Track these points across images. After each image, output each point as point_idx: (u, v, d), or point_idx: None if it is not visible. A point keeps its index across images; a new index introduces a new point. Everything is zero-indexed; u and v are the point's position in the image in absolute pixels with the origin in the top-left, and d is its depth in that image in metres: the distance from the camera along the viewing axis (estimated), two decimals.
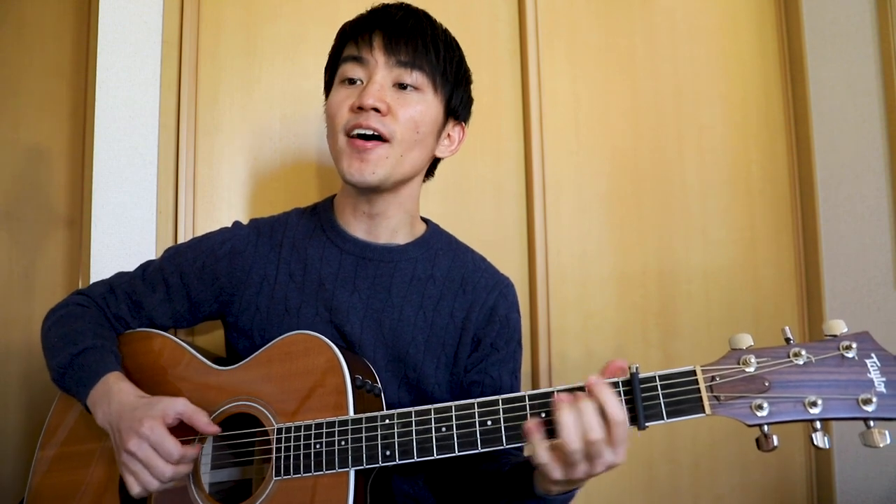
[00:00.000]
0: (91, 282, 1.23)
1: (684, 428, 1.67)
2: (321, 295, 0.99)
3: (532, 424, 0.74)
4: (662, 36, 1.77)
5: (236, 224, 1.07)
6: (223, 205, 1.36)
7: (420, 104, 0.94)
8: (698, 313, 1.73)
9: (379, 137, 0.92)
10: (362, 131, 0.91)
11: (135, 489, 0.83)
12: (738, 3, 1.90)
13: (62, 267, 1.33)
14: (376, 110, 0.91)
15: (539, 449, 0.73)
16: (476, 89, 1.09)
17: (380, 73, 0.92)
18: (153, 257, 1.29)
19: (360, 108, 0.91)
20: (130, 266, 1.09)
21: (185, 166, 1.33)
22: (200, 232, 1.32)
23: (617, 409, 0.70)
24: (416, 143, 0.95)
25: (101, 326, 0.99)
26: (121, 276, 1.06)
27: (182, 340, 1.01)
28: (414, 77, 0.93)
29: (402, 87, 0.93)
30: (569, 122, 1.64)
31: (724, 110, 1.83)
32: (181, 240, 1.31)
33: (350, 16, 1.03)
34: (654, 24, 1.76)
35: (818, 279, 1.84)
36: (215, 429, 0.87)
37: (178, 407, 0.85)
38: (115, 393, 0.88)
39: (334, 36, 1.02)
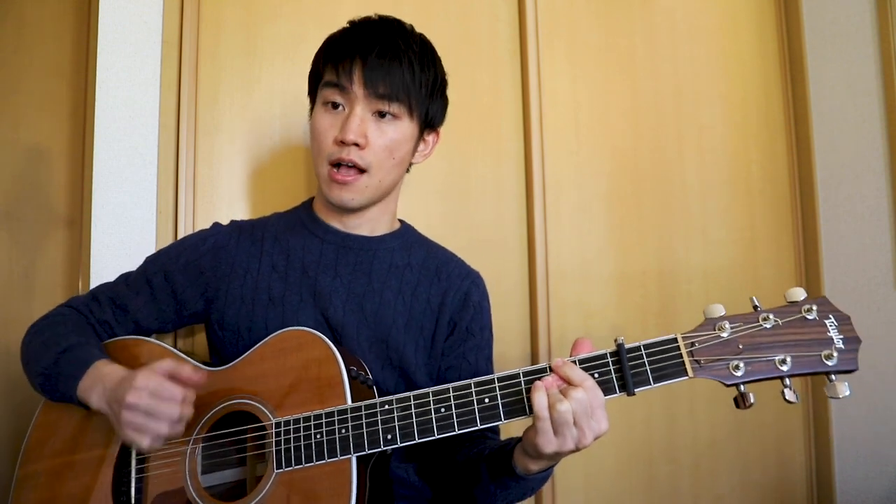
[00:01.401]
0: (91, 281, 1.23)
1: (684, 428, 1.68)
2: (305, 282, 1.03)
3: (547, 381, 0.79)
4: (662, 36, 1.77)
5: (215, 224, 1.11)
6: (223, 205, 1.36)
7: (396, 132, 1.01)
8: (698, 313, 1.71)
9: (357, 167, 0.99)
10: (343, 163, 0.99)
11: (144, 442, 0.83)
12: (738, 3, 1.90)
13: (62, 267, 1.33)
14: (356, 144, 0.98)
15: (540, 406, 0.77)
16: (476, 89, 1.10)
17: (360, 105, 0.99)
18: None
19: (343, 142, 0.98)
20: (131, 266, 1.09)
21: (185, 166, 1.33)
22: None
23: (583, 375, 0.78)
24: (391, 167, 1.03)
25: (82, 329, 1.00)
26: (102, 286, 1.07)
27: (169, 346, 1.01)
28: (392, 107, 0.99)
29: (381, 115, 1.00)
30: (569, 122, 1.64)
31: (724, 110, 1.83)
32: None
33: (350, 17, 1.04)
34: (654, 24, 1.76)
35: (818, 279, 1.84)
36: (200, 375, 0.86)
37: (163, 364, 0.86)
38: (106, 374, 0.89)
39: None
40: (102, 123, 1.28)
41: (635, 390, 0.78)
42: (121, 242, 1.28)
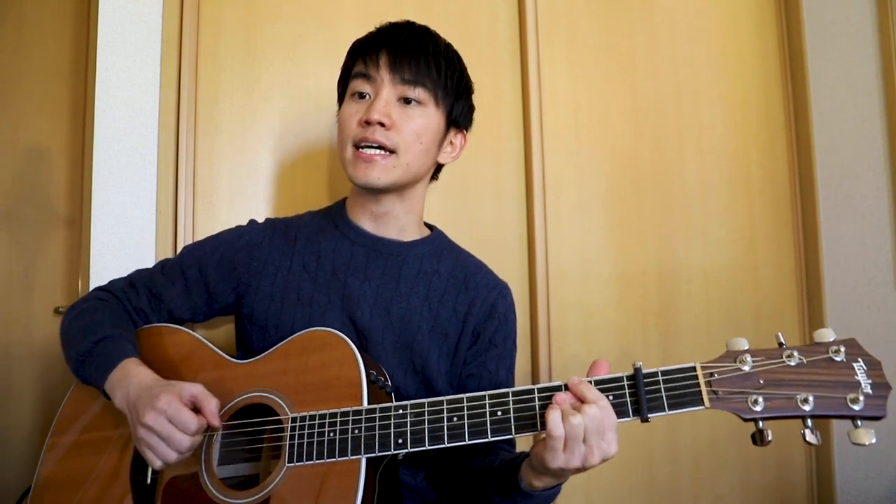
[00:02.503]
0: (91, 281, 1.23)
1: (684, 428, 1.68)
2: (334, 284, 1.04)
3: (560, 397, 0.78)
4: (662, 36, 1.77)
5: (252, 221, 1.12)
6: (223, 205, 1.36)
7: (422, 118, 1.01)
8: (698, 313, 1.73)
9: (384, 149, 0.99)
10: (368, 143, 0.98)
11: (156, 463, 0.85)
12: (738, 3, 1.90)
13: (62, 267, 1.34)
14: (382, 125, 0.98)
15: (554, 424, 0.76)
16: (476, 90, 1.11)
17: (385, 89, 0.99)
18: (153, 257, 1.29)
19: (367, 123, 0.98)
20: (130, 266, 1.10)
21: (185, 166, 1.33)
22: (200, 232, 1.33)
23: (594, 392, 0.77)
24: (420, 153, 1.02)
25: (119, 318, 1.01)
26: (140, 272, 1.09)
27: (199, 335, 1.02)
28: (417, 93, 1.00)
29: (406, 101, 1.00)
30: (569, 122, 1.64)
31: (724, 110, 1.83)
32: (181, 239, 1.31)
33: (350, 16, 1.04)
34: (654, 24, 1.76)
35: (818, 279, 1.84)
36: (218, 422, 0.88)
37: (194, 389, 0.87)
38: (133, 375, 0.90)
39: (334, 36, 1.06)
40: (102, 123, 1.28)
41: (649, 416, 0.77)
42: (121, 242, 1.28)
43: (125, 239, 1.28)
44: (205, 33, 1.37)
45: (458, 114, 1.06)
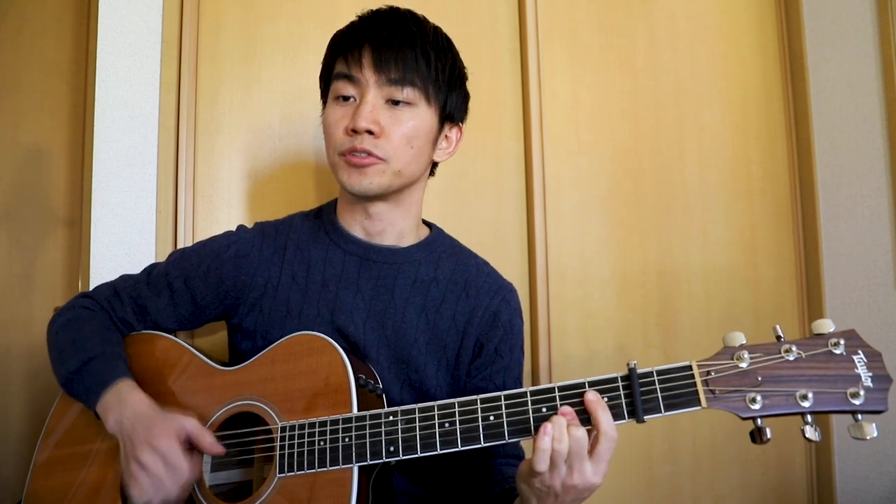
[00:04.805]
0: (91, 281, 1.23)
1: (684, 428, 1.67)
2: (324, 296, 1.00)
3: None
4: (662, 36, 1.77)
5: (241, 228, 1.07)
6: (223, 205, 1.36)
7: (412, 119, 0.94)
8: (698, 313, 1.72)
9: (373, 156, 0.93)
10: (357, 153, 0.93)
11: (139, 500, 0.83)
12: (738, 4, 1.90)
13: (62, 267, 1.33)
14: (370, 132, 0.92)
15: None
16: (476, 89, 1.09)
17: (371, 92, 0.93)
18: (153, 257, 1.29)
19: (354, 131, 0.92)
20: (130, 266, 1.09)
21: (185, 166, 1.33)
22: (200, 232, 1.33)
23: (610, 425, 0.75)
24: (411, 158, 0.96)
25: (108, 331, 0.99)
26: (125, 280, 1.06)
27: (185, 342, 1.01)
28: (405, 93, 0.93)
29: (394, 103, 0.94)
30: (569, 122, 1.64)
31: (724, 110, 1.83)
32: (181, 239, 1.31)
33: (350, 15, 1.03)
34: (654, 24, 1.76)
35: (818, 279, 1.84)
36: (220, 449, 0.87)
37: (188, 426, 0.85)
38: (128, 401, 0.88)
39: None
40: (102, 123, 1.28)
41: (645, 417, 0.75)
42: (121, 242, 1.28)
43: (125, 239, 1.28)
44: (205, 33, 1.37)
45: (453, 107, 1.00)
